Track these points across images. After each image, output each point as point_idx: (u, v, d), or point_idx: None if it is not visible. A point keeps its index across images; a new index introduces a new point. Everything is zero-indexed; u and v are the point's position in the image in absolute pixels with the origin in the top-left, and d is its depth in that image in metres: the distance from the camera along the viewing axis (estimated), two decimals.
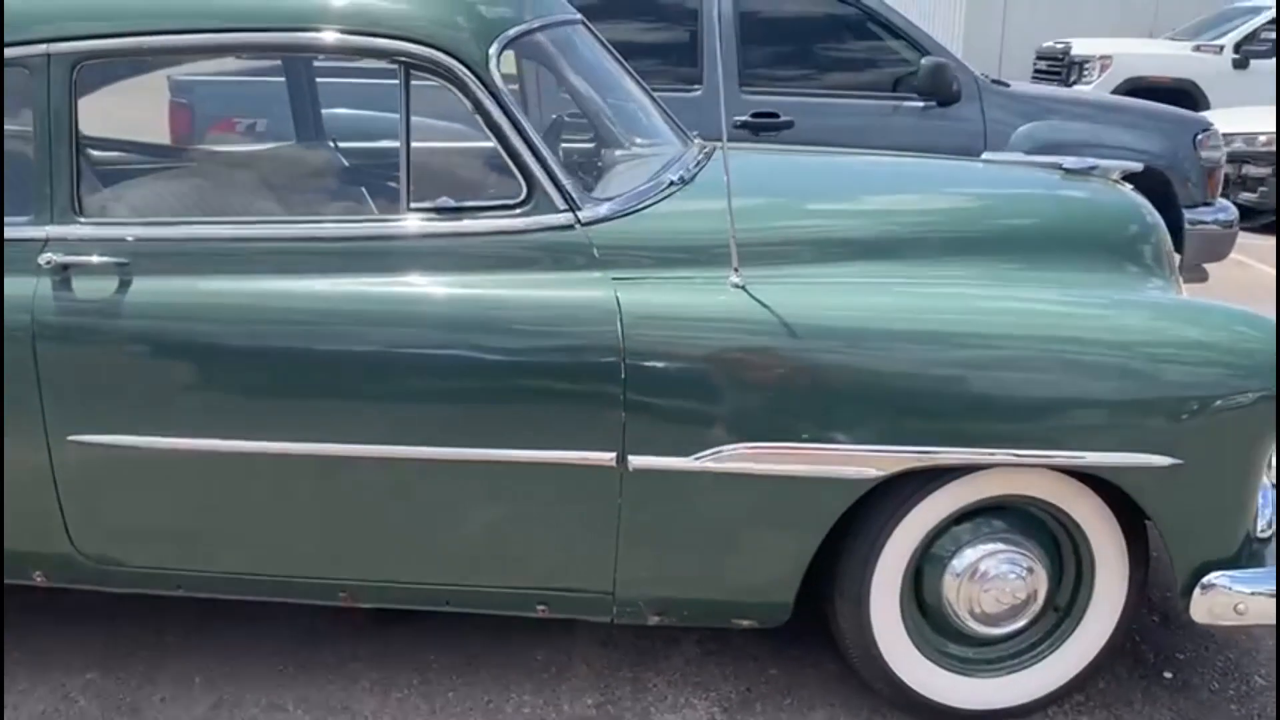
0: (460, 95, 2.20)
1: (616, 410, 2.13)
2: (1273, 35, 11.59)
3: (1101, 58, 11.85)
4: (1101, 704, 2.49)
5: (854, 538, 2.26)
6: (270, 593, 2.42)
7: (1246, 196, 9.07)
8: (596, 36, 2.85)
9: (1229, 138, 9.24)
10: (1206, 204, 5.16)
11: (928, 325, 2.14)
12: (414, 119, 2.24)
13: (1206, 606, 2.21)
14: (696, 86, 5.09)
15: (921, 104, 5.06)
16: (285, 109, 3.17)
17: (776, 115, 5.06)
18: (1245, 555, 2.23)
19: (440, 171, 2.48)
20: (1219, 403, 2.11)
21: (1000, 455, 2.13)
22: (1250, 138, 9.15)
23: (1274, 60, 11.35)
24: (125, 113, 3.75)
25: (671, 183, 2.46)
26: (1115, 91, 11.68)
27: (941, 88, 4.97)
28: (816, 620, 2.43)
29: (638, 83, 2.95)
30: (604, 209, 2.27)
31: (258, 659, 2.60)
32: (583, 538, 2.24)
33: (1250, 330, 2.18)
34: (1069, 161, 2.82)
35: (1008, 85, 5.45)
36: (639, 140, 2.83)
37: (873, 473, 2.14)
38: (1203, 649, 2.72)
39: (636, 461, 2.15)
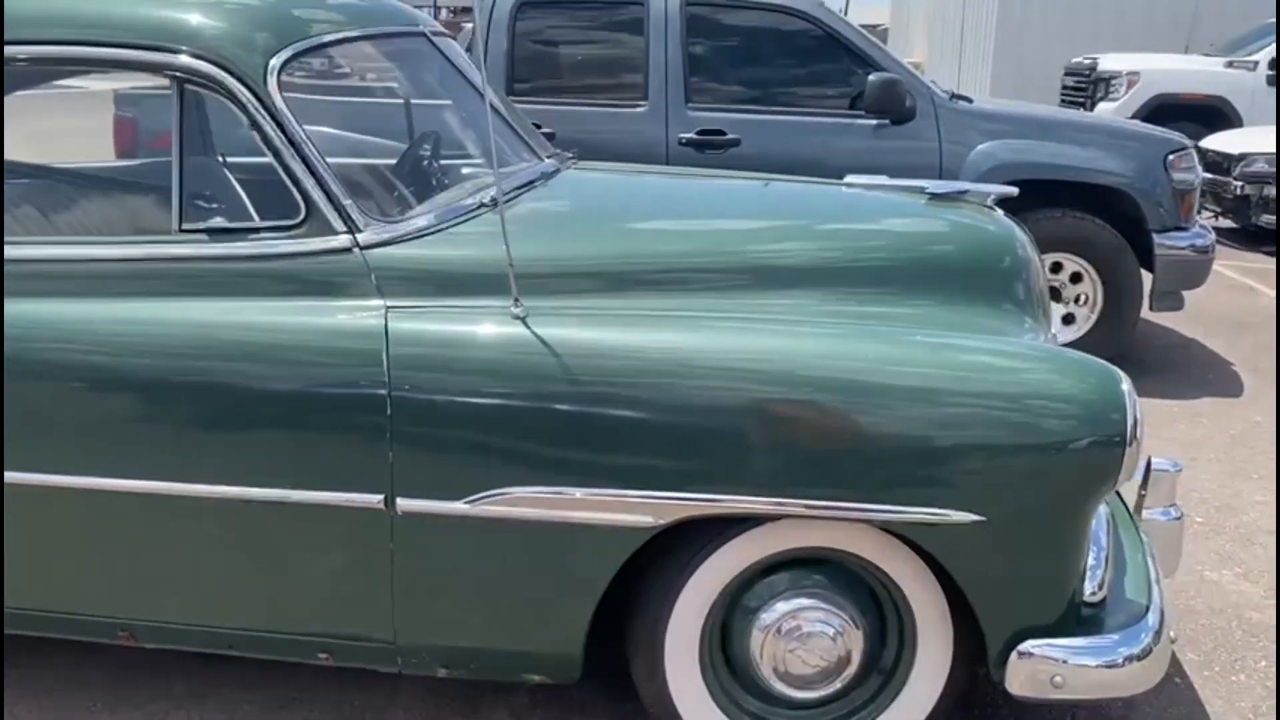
0: (235, 110, 2.09)
1: (383, 449, 1.99)
2: None
3: (1129, 74, 11.49)
4: None
5: (647, 589, 2.10)
6: (53, 629, 2.31)
7: (1268, 219, 8.69)
8: (439, 48, 2.72)
9: (1249, 158, 8.92)
10: (1180, 228, 4.89)
11: (708, 363, 1.97)
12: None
13: (1021, 677, 2.00)
14: (642, 102, 4.96)
15: (874, 122, 4.87)
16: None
17: (724, 133, 4.90)
18: (1071, 622, 2.02)
19: (228, 190, 2.36)
20: (1031, 456, 1.92)
21: (788, 506, 1.95)
22: (1272, 158, 8.76)
23: None
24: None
25: (481, 205, 2.31)
26: (1143, 109, 11.35)
27: (892, 105, 4.78)
28: None
29: (489, 98, 2.79)
30: (389, 232, 2.14)
31: (69, 696, 2.49)
32: (357, 584, 2.11)
33: (1079, 380, 1.97)
34: (935, 186, 2.63)
35: (970, 101, 5.24)
36: (471, 158, 2.69)
37: (650, 521, 1.98)
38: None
39: (405, 504, 2.02)
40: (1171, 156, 4.85)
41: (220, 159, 2.65)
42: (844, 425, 1.93)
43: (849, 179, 2.80)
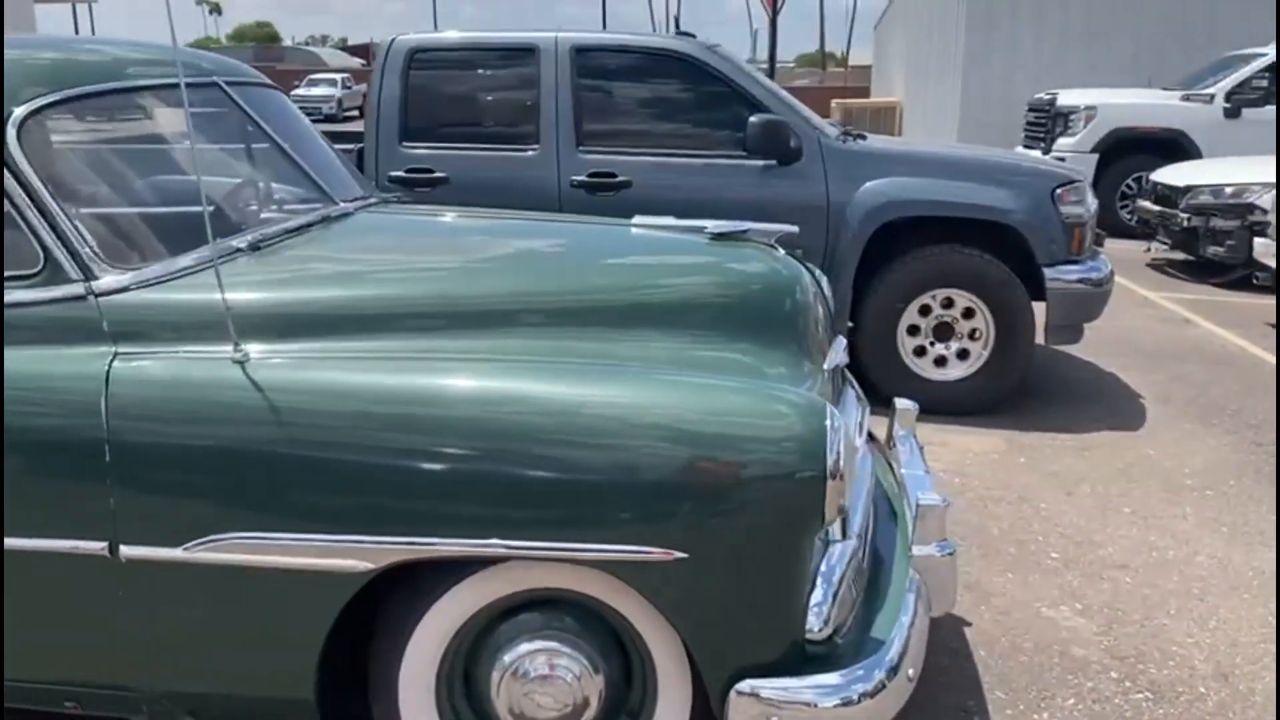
0: None
1: (105, 496, 2.00)
2: (1264, 83, 11.17)
3: (1086, 108, 11.54)
4: None
5: (381, 634, 2.09)
6: None
7: (1215, 250, 8.67)
8: (233, 97, 2.75)
9: (1194, 190, 8.92)
10: (1072, 261, 4.88)
11: (416, 406, 1.97)
12: None
13: (739, 717, 1.98)
14: (534, 146, 5.00)
15: (761, 163, 4.90)
16: None
17: (614, 175, 4.94)
18: (794, 660, 2.00)
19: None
20: (730, 493, 1.90)
21: (494, 548, 1.94)
22: (1217, 189, 8.77)
23: (1270, 108, 10.96)
24: None
25: (236, 250, 2.34)
26: (1101, 143, 11.39)
27: (775, 146, 4.81)
28: None
29: (278, 143, 2.83)
30: (127, 279, 2.16)
31: None
32: (92, 631, 2.10)
33: (780, 417, 1.96)
34: (716, 226, 2.64)
35: (863, 138, 5.27)
36: (246, 204, 2.72)
37: (365, 566, 1.97)
38: None
39: (128, 551, 2.02)
40: (1060, 190, 4.86)
41: None
42: (547, 465, 1.92)
43: (636, 219, 2.81)
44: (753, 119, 4.76)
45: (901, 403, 3.06)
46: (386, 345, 2.13)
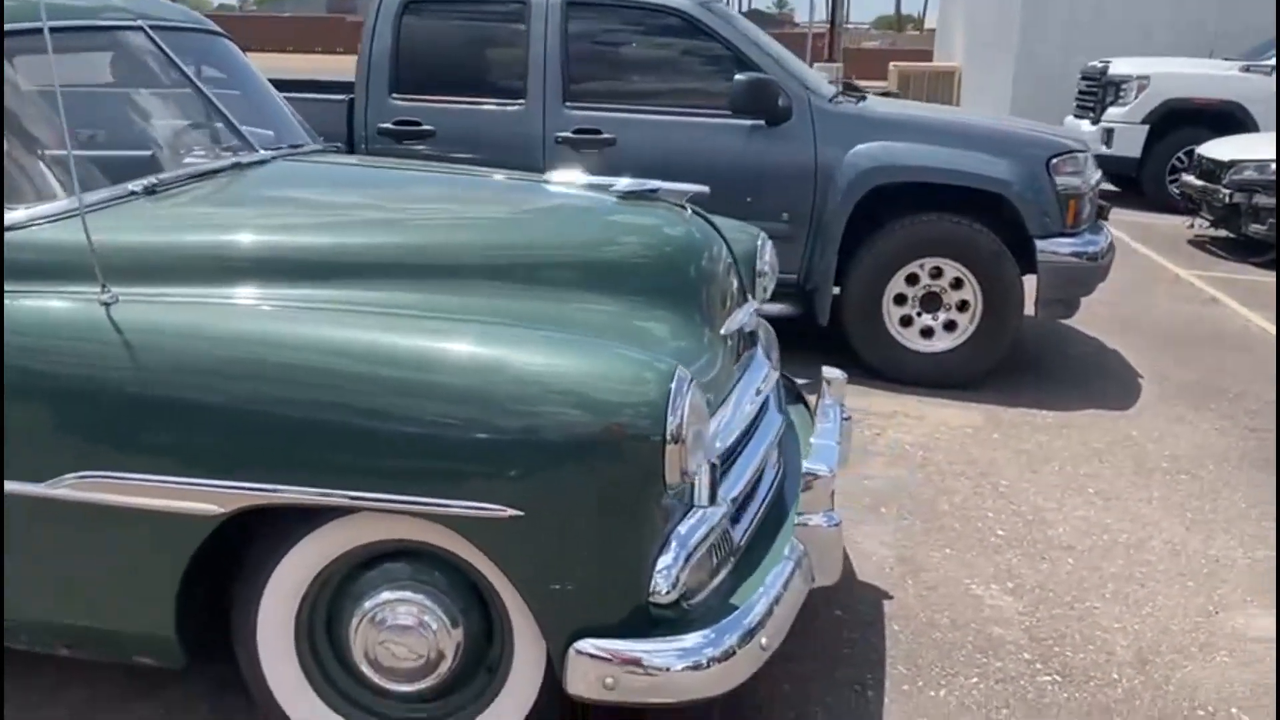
0: None
1: None
2: None
3: (1139, 78, 11.14)
4: None
5: (240, 579, 2.12)
6: None
7: (1256, 229, 8.37)
8: (156, 41, 2.76)
9: (1239, 165, 8.60)
10: (1066, 234, 4.74)
11: (271, 355, 1.97)
12: None
13: (576, 677, 1.97)
14: (520, 100, 4.97)
15: (749, 123, 4.81)
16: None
17: (600, 131, 4.90)
18: (639, 623, 1.98)
19: None
20: (567, 451, 1.89)
21: (337, 497, 1.95)
22: (1263, 165, 8.44)
23: None
24: None
25: (133, 192, 2.36)
26: (1153, 114, 11.01)
27: (761, 105, 4.72)
28: None
29: (200, 89, 2.83)
30: (15, 217, 2.19)
31: None
32: None
33: (623, 378, 1.94)
34: (624, 183, 2.60)
35: (862, 100, 5.15)
36: (160, 147, 2.74)
37: (215, 509, 1.99)
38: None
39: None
40: (1055, 160, 4.71)
41: None
42: (389, 417, 1.92)
43: (548, 175, 2.78)
44: (738, 77, 4.67)
45: (829, 371, 3.01)
46: (257, 293, 2.14)
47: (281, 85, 5.99)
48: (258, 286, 2.16)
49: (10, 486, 2.06)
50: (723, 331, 2.46)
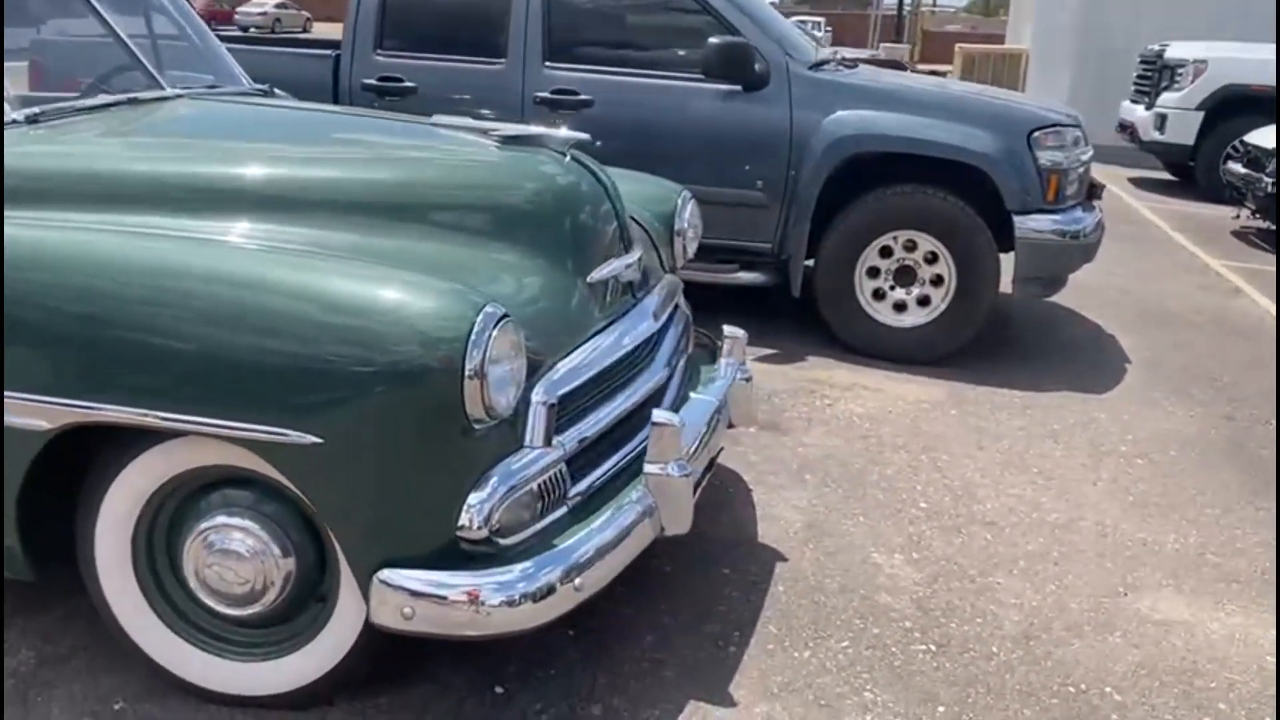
0: None
1: None
2: None
3: (1195, 62, 10.77)
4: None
5: (80, 499, 2.18)
6: None
7: None
8: None
9: None
10: (1047, 210, 4.61)
11: (99, 277, 2.02)
12: None
13: (378, 606, 2.00)
14: (501, 60, 4.99)
15: (725, 88, 4.76)
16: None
17: (577, 93, 4.89)
18: (449, 556, 2.00)
19: None
20: (364, 382, 1.90)
21: (153, 419, 1.99)
22: None
23: None
24: None
25: (15, 120, 2.43)
26: (1209, 100, 10.62)
27: (736, 70, 4.68)
28: None
29: (113, 29, 2.88)
30: None
31: None
32: None
33: (427, 313, 1.95)
34: (508, 129, 2.60)
35: (851, 68, 5.07)
36: (61, 79, 2.82)
37: (43, 425, 2.05)
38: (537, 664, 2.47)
39: None
40: (1037, 134, 4.58)
41: None
42: (201, 340, 1.95)
43: (435, 118, 2.78)
44: (711, 40, 4.63)
45: (729, 330, 2.99)
46: (101, 219, 2.19)
47: (270, 42, 6.11)
48: (103, 213, 2.21)
49: None
50: (590, 279, 2.45)
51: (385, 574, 1.98)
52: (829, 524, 3.25)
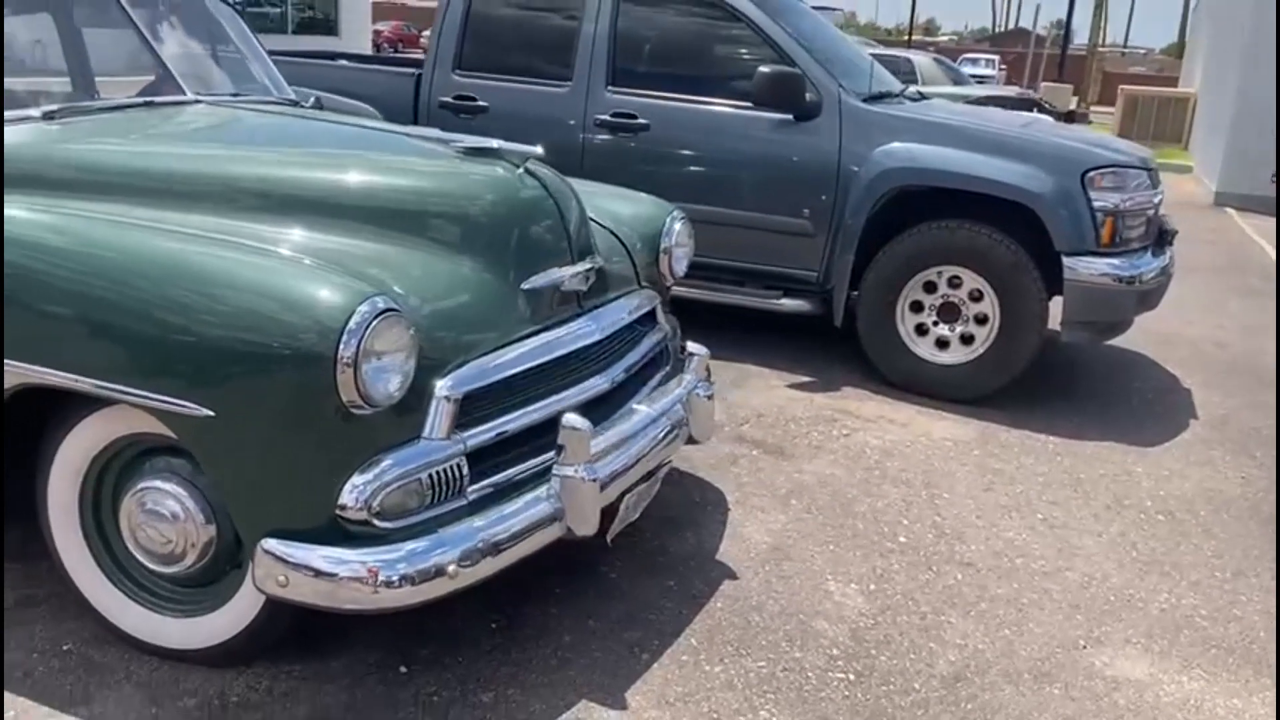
0: None
1: None
2: None
3: None
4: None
5: (38, 458, 2.42)
6: None
7: None
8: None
9: None
10: (1099, 253, 4.47)
11: (48, 255, 2.26)
12: None
13: (260, 573, 2.15)
14: (568, 82, 5.17)
15: (777, 117, 4.81)
16: None
17: (635, 116, 5.03)
18: (329, 532, 2.14)
19: None
20: (246, 360, 2.07)
21: (84, 384, 2.21)
22: None
23: None
24: None
25: (33, 117, 2.73)
26: None
27: (786, 99, 4.72)
28: None
29: (145, 37, 3.16)
30: None
31: None
32: None
33: (311, 299, 2.10)
34: (469, 140, 2.74)
35: (919, 100, 5.05)
36: (87, 81, 3.12)
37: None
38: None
39: None
40: (1093, 174, 4.44)
41: None
42: (123, 314, 2.15)
43: (410, 128, 2.95)
44: (761, 69, 4.69)
45: (691, 346, 3.05)
46: (79, 205, 2.44)
47: (368, 61, 6.47)
48: (77, 200, 2.46)
49: None
50: (525, 285, 2.56)
51: (267, 543, 2.13)
52: (795, 549, 3.25)
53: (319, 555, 2.11)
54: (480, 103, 5.31)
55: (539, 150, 2.70)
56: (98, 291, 2.18)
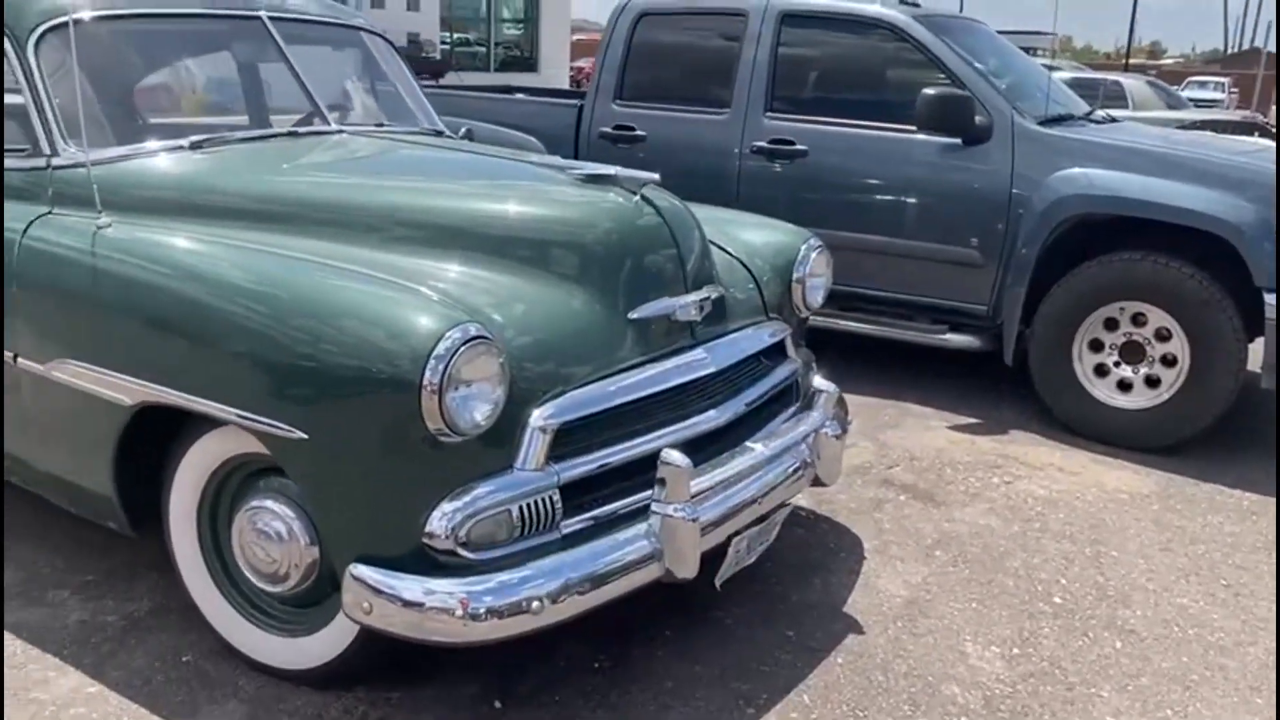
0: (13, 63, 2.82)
1: (8, 317, 2.61)
2: None
3: None
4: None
5: (165, 468, 2.52)
6: None
7: None
8: (270, 31, 3.24)
9: None
10: None
11: (169, 280, 2.34)
12: None
13: (347, 597, 2.13)
14: (725, 110, 5.10)
15: (944, 141, 4.57)
16: None
17: (793, 143, 4.89)
18: (417, 560, 2.10)
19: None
20: (338, 386, 2.08)
21: (200, 404, 2.27)
22: None
23: None
24: None
25: (179, 147, 2.86)
26: None
27: (953, 122, 4.48)
28: None
29: (295, 71, 3.26)
30: (77, 159, 2.74)
31: None
32: None
33: (401, 327, 2.08)
34: (588, 167, 2.68)
35: (1108, 122, 4.71)
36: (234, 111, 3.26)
37: (126, 400, 2.40)
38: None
39: (21, 361, 2.62)
40: None
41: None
42: (233, 339, 2.21)
43: (538, 158, 2.92)
44: (925, 91, 4.46)
45: (820, 383, 2.89)
46: (204, 230, 2.53)
47: (533, 92, 6.59)
48: (208, 225, 2.55)
49: (23, 363, 2.60)
50: (632, 315, 2.47)
51: (356, 568, 2.12)
52: (933, 605, 3.02)
53: (404, 583, 2.08)
54: (638, 132, 5.29)
55: (655, 176, 2.62)
56: (207, 313, 2.24)
